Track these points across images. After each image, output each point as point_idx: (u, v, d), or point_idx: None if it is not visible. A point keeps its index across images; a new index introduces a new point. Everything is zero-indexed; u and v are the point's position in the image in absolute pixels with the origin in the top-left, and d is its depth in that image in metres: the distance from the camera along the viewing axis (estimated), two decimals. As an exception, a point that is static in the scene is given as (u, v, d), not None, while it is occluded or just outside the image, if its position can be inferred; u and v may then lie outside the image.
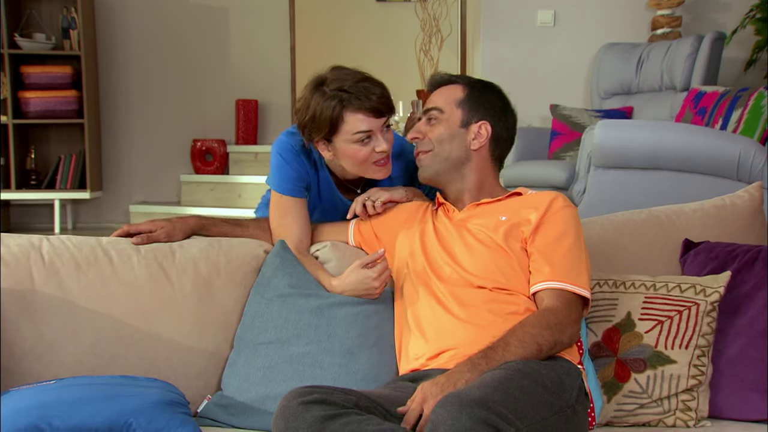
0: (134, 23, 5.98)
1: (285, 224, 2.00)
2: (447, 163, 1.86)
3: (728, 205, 2.09)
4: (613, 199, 3.48)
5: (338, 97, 1.88)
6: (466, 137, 1.85)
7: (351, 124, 1.90)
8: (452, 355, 1.64)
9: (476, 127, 1.86)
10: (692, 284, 1.80)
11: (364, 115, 1.89)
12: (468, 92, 1.88)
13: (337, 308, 1.81)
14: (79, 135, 5.67)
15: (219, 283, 1.87)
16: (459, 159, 1.86)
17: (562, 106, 5.06)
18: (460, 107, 1.87)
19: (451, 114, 1.86)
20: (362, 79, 1.91)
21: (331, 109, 1.89)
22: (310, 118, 1.92)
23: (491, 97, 1.90)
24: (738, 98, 3.80)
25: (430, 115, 1.88)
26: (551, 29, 5.64)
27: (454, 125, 1.86)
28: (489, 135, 1.86)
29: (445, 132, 1.85)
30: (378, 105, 1.89)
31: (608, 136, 3.51)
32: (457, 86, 1.90)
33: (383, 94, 1.92)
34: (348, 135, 1.91)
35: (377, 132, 1.92)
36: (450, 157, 1.85)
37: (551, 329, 1.61)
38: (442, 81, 1.93)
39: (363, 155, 1.93)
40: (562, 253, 1.71)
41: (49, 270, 1.79)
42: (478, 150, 1.86)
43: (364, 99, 1.88)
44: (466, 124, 1.86)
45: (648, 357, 1.76)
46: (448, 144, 1.85)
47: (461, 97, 1.88)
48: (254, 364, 1.77)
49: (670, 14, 5.35)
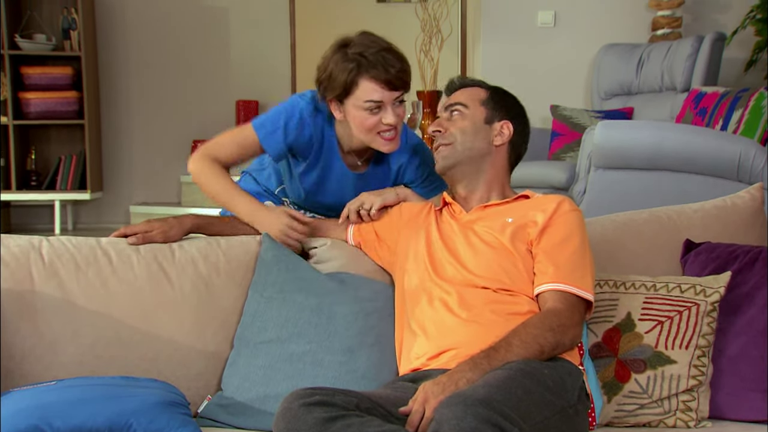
0: (134, 24, 5.98)
1: (231, 147, 2.06)
2: (469, 154, 1.86)
3: (729, 206, 2.09)
4: (613, 199, 3.48)
5: (357, 62, 1.93)
6: (490, 133, 1.87)
7: (363, 90, 1.94)
8: (453, 355, 1.64)
9: (499, 126, 1.87)
10: (692, 284, 1.80)
11: (378, 85, 1.93)
12: (491, 94, 1.91)
13: (337, 306, 1.81)
14: (79, 136, 5.67)
15: (218, 283, 1.87)
16: (481, 152, 1.86)
17: (563, 107, 5.05)
18: (484, 105, 1.89)
19: (475, 110, 1.88)
20: (385, 49, 1.96)
21: (347, 72, 1.94)
22: (326, 77, 1.97)
23: (512, 102, 1.92)
24: (738, 99, 3.80)
25: (454, 109, 1.89)
26: (551, 30, 5.64)
27: (479, 120, 1.87)
28: (511, 135, 1.88)
29: (469, 125, 1.87)
30: (394, 78, 1.93)
31: (608, 137, 3.51)
32: (479, 88, 1.92)
33: (402, 68, 1.96)
34: (359, 101, 1.95)
35: (388, 104, 1.95)
36: (473, 148, 1.86)
37: (553, 331, 1.61)
38: (463, 84, 1.95)
39: (370, 124, 1.97)
40: (566, 255, 1.72)
41: (48, 270, 1.79)
42: (498, 147, 1.87)
43: (381, 69, 1.92)
44: (490, 121, 1.88)
45: (648, 357, 1.76)
46: (471, 136, 1.86)
47: (484, 97, 1.90)
48: (254, 363, 1.77)
49: (671, 15, 5.35)
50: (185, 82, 6.06)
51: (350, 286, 1.87)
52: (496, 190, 1.88)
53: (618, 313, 1.81)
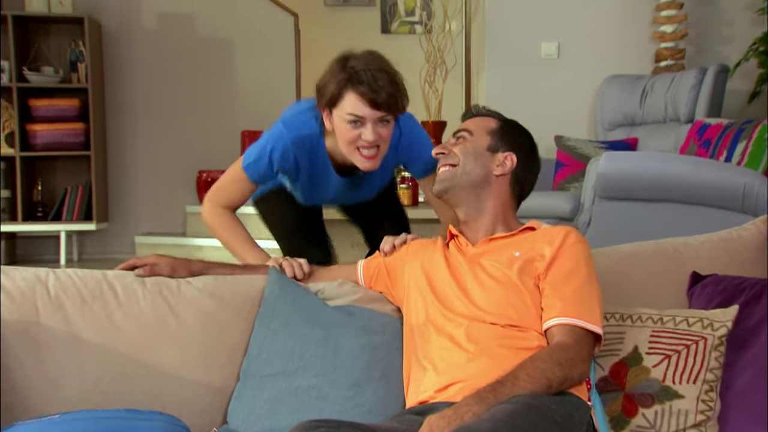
0: (141, 56, 6.03)
1: (229, 187, 2.27)
2: (467, 179, 1.87)
3: (735, 238, 2.09)
4: (618, 230, 3.47)
5: (348, 75, 2.02)
6: (491, 161, 1.88)
7: (348, 103, 2.03)
8: (460, 388, 1.62)
9: (502, 156, 1.88)
10: (699, 318, 1.79)
11: (362, 101, 2.01)
12: (501, 125, 1.92)
13: (344, 339, 1.81)
14: (85, 167, 5.69)
15: (224, 317, 1.86)
16: (479, 179, 1.87)
17: (567, 137, 5.07)
18: (490, 135, 1.90)
19: (480, 137, 1.90)
20: (380, 69, 2.03)
21: (338, 83, 2.03)
22: (322, 85, 2.07)
23: (522, 137, 1.93)
24: (742, 130, 3.81)
25: (459, 135, 1.92)
26: (555, 61, 5.66)
27: (481, 147, 1.88)
28: (513, 167, 1.88)
29: (471, 148, 1.88)
30: (379, 98, 1.99)
31: (613, 168, 3.51)
32: (491, 118, 1.94)
33: (391, 92, 2.02)
34: (343, 113, 2.04)
35: (369, 121, 2.03)
36: (472, 173, 1.87)
37: (561, 365, 1.59)
38: (478, 113, 1.97)
39: (350, 137, 2.06)
40: (573, 288, 1.71)
41: (54, 304, 1.79)
42: (499, 177, 1.88)
43: (367, 87, 2.01)
44: (494, 150, 1.89)
45: (656, 392, 1.74)
46: (472, 160, 1.87)
47: (493, 127, 1.91)
48: (260, 396, 1.76)
49: (674, 47, 5.37)
50: (191, 112, 6.09)
51: (357, 319, 1.86)
52: (500, 222, 1.88)
53: (625, 347, 1.80)
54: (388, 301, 1.95)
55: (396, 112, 2.08)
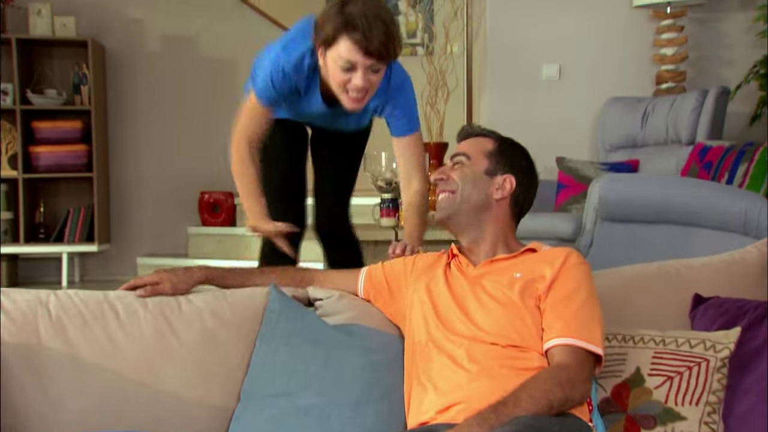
0: (144, 78, 6.06)
1: (248, 123, 2.46)
2: (467, 206, 1.87)
3: (737, 261, 2.09)
4: (619, 252, 3.47)
5: (344, 20, 2.07)
6: (490, 185, 1.88)
7: (341, 48, 2.09)
8: (462, 409, 1.62)
9: (501, 179, 1.88)
10: (702, 340, 1.79)
11: (354, 48, 2.07)
12: (497, 146, 1.91)
13: (345, 359, 1.80)
14: (88, 188, 5.71)
15: (225, 336, 1.86)
16: (479, 204, 1.87)
17: (568, 159, 5.07)
18: (488, 158, 1.89)
19: (478, 161, 1.89)
20: (377, 17, 2.08)
21: (333, 26, 2.09)
22: (320, 24, 2.14)
23: (519, 156, 1.93)
24: (743, 153, 3.81)
25: (456, 160, 1.91)
26: (556, 83, 5.69)
27: (479, 171, 1.88)
28: (512, 189, 1.88)
29: (469, 174, 1.88)
30: (371, 45, 2.05)
31: (614, 190, 3.52)
32: (488, 139, 1.93)
33: (385, 40, 2.09)
34: (336, 55, 2.11)
35: (360, 68, 2.10)
36: (471, 199, 1.87)
37: (562, 386, 1.59)
38: (473, 132, 1.96)
39: (340, 80, 2.13)
40: (574, 309, 1.71)
41: (56, 326, 1.78)
42: (499, 201, 1.88)
43: (362, 33, 2.06)
44: (492, 173, 1.88)
45: (658, 413, 1.74)
46: (471, 186, 1.87)
47: (490, 149, 1.91)
48: (261, 416, 1.75)
49: (674, 69, 5.39)
50: (194, 134, 6.11)
51: (358, 338, 1.86)
52: (501, 244, 1.88)
53: (627, 368, 1.79)
54: (388, 320, 1.95)
55: (387, 61, 2.12)
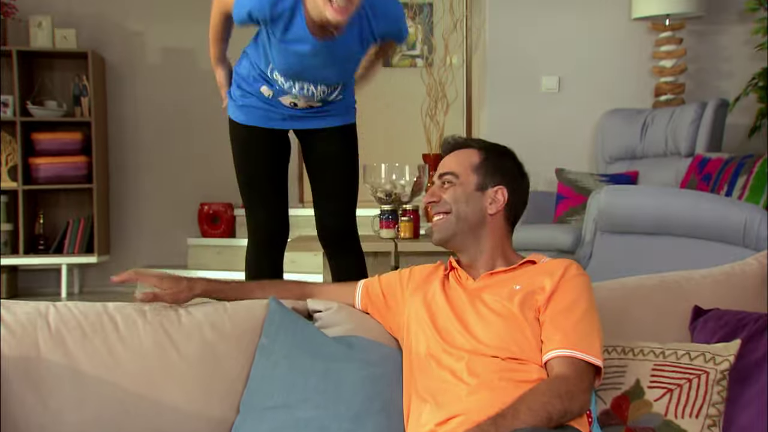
0: (144, 90, 6.08)
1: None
2: (464, 225, 1.86)
3: (737, 273, 2.09)
4: (619, 263, 3.47)
5: None
6: (483, 201, 1.86)
7: None
8: (461, 422, 1.62)
9: (492, 192, 1.87)
10: (702, 352, 1.79)
11: None
12: (484, 157, 1.89)
13: (345, 372, 1.80)
14: (87, 200, 5.72)
15: (225, 349, 1.85)
16: (475, 222, 1.86)
17: (568, 170, 5.08)
18: (476, 172, 1.88)
19: (467, 178, 1.87)
20: None
21: None
22: None
23: (507, 163, 1.91)
24: (743, 165, 3.82)
25: (445, 179, 1.89)
26: (556, 95, 5.70)
27: (470, 188, 1.87)
28: (505, 200, 1.87)
29: (461, 194, 1.86)
30: None
31: (614, 202, 3.53)
32: (472, 151, 1.91)
33: None
34: None
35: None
36: (467, 218, 1.86)
37: (561, 398, 1.59)
38: (457, 145, 1.94)
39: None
40: (574, 321, 1.70)
41: (55, 338, 1.78)
42: (494, 215, 1.87)
43: None
44: (483, 188, 1.87)
45: (658, 426, 1.73)
46: (465, 204, 1.86)
47: (477, 162, 1.88)
48: (260, 429, 1.75)
49: (673, 81, 5.41)
50: (193, 146, 6.12)
51: (358, 350, 1.85)
52: (500, 257, 1.88)
53: (626, 380, 1.79)
54: (387, 332, 1.94)
55: None
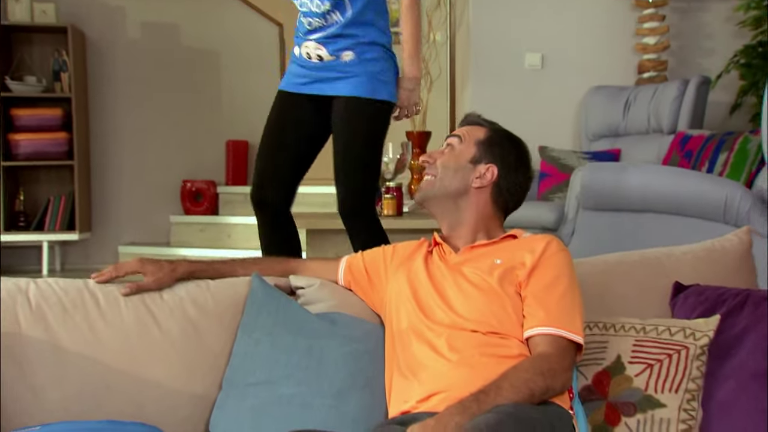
0: (125, 65, 6.02)
1: None
2: (444, 192, 1.89)
3: (718, 249, 2.10)
4: (601, 240, 3.49)
5: None
6: (471, 174, 1.88)
7: None
8: (443, 398, 1.62)
9: (483, 168, 1.89)
10: (682, 327, 1.80)
11: None
12: (489, 136, 1.93)
13: (327, 349, 1.80)
14: (68, 176, 5.67)
15: (207, 325, 1.85)
16: (457, 191, 1.88)
17: (551, 148, 5.09)
18: (477, 146, 1.91)
19: (467, 148, 1.91)
20: None
21: None
22: None
23: (510, 148, 1.93)
24: (724, 142, 3.84)
25: (449, 141, 1.94)
26: (539, 72, 5.70)
27: (464, 159, 1.90)
28: (493, 179, 1.88)
29: (453, 162, 1.89)
30: None
31: (596, 179, 3.54)
32: (483, 128, 1.95)
33: None
34: None
35: None
36: (449, 186, 1.88)
37: (544, 375, 1.60)
38: (473, 121, 1.98)
39: None
40: (556, 298, 1.72)
41: (36, 314, 1.78)
42: (478, 189, 1.88)
43: None
44: (476, 161, 1.89)
45: (638, 400, 1.75)
46: (452, 174, 1.89)
47: (481, 137, 1.92)
48: (243, 405, 1.76)
49: (656, 58, 5.42)
50: (175, 122, 6.09)
51: (341, 327, 1.86)
52: (481, 232, 1.89)
53: (608, 356, 1.81)
54: (370, 309, 1.95)
55: None
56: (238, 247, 5.37)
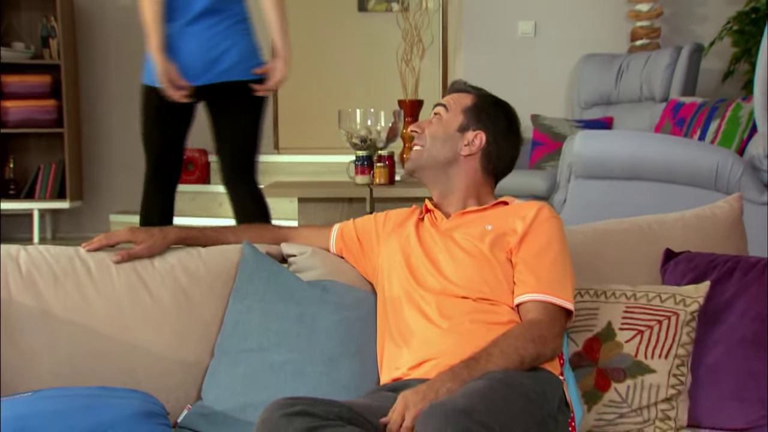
0: (115, 32, 5.95)
1: None
2: (433, 162, 1.88)
3: (708, 216, 2.11)
4: (593, 208, 3.49)
5: None
6: (459, 142, 1.87)
7: None
8: (434, 365, 1.63)
9: (471, 135, 1.87)
10: (672, 294, 1.81)
11: None
12: (476, 102, 1.91)
13: (319, 316, 1.81)
14: (58, 144, 5.63)
15: (198, 293, 1.85)
16: (446, 160, 1.87)
17: (543, 116, 5.08)
18: (464, 113, 1.89)
19: (454, 116, 1.89)
20: None
21: None
22: None
23: (497, 113, 1.91)
24: (716, 109, 3.83)
25: (436, 111, 1.92)
26: (532, 40, 5.67)
27: (452, 128, 1.88)
28: (481, 145, 1.87)
29: (440, 132, 1.88)
30: None
31: (588, 147, 3.53)
32: (470, 95, 1.93)
33: None
34: None
35: None
36: (438, 156, 1.87)
37: (534, 342, 1.61)
38: (460, 88, 1.97)
39: None
40: (547, 264, 1.72)
41: (26, 281, 1.77)
42: (467, 157, 1.87)
43: None
44: (463, 129, 1.88)
45: (628, 366, 1.76)
46: (440, 143, 1.87)
47: (469, 104, 1.90)
48: (235, 372, 1.76)
49: (649, 25, 5.40)
50: (165, 90, 6.03)
51: (332, 294, 1.86)
52: (472, 198, 1.88)
53: (598, 323, 1.82)
54: (362, 276, 1.95)
55: None
56: (229, 216, 5.30)
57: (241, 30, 3.06)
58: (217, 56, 2.99)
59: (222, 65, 2.99)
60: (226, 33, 3.00)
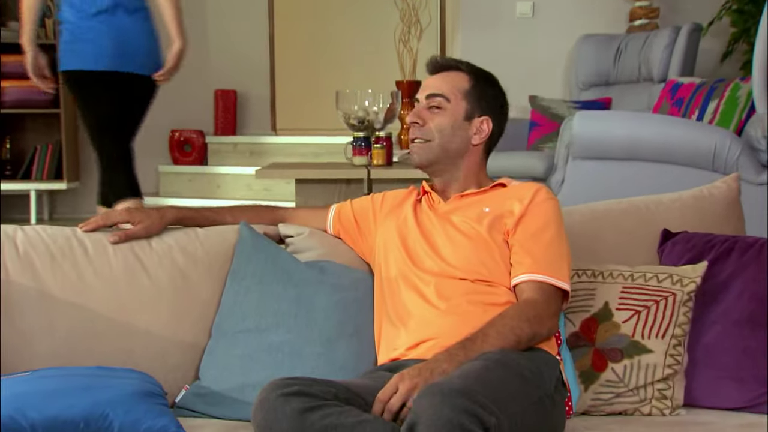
0: (111, 12, 5.91)
1: None
2: (445, 154, 1.83)
3: (706, 196, 2.11)
4: (591, 189, 3.49)
5: None
6: (468, 131, 1.84)
7: None
8: (431, 346, 1.64)
9: (479, 122, 1.84)
10: (669, 274, 1.81)
11: None
12: (474, 83, 1.86)
13: (317, 297, 1.81)
14: (55, 125, 5.61)
15: (196, 273, 1.85)
16: (458, 151, 1.84)
17: (541, 97, 5.07)
18: (465, 99, 1.84)
19: (457, 105, 1.83)
20: None
21: None
22: None
23: (495, 92, 1.88)
24: (714, 89, 3.82)
25: (435, 102, 1.84)
26: (530, 20, 5.64)
27: (458, 117, 1.83)
28: (489, 131, 1.85)
29: (448, 123, 1.82)
30: None
31: (586, 127, 3.53)
32: (462, 74, 1.86)
33: None
34: None
35: None
36: (450, 148, 1.83)
37: (530, 322, 1.61)
38: (445, 65, 1.89)
39: None
40: (543, 245, 1.72)
41: (23, 261, 1.77)
42: (477, 145, 1.85)
43: None
44: (470, 117, 1.84)
45: (625, 346, 1.77)
46: (450, 135, 1.83)
47: (467, 87, 1.85)
48: (232, 353, 1.77)
49: (648, 5, 5.37)
50: (162, 71, 6.00)
51: (330, 275, 1.86)
52: (472, 181, 1.87)
53: (595, 303, 1.82)
54: (359, 257, 1.95)
55: None
56: (226, 197, 5.35)
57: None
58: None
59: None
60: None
